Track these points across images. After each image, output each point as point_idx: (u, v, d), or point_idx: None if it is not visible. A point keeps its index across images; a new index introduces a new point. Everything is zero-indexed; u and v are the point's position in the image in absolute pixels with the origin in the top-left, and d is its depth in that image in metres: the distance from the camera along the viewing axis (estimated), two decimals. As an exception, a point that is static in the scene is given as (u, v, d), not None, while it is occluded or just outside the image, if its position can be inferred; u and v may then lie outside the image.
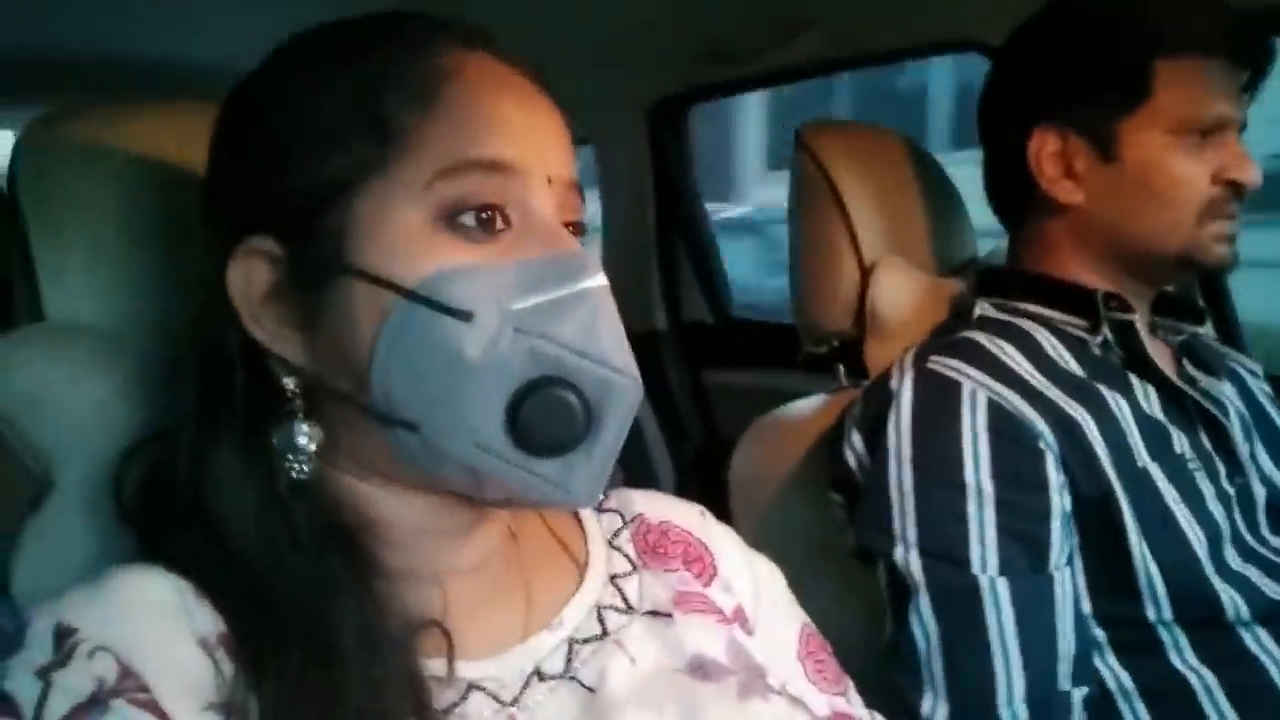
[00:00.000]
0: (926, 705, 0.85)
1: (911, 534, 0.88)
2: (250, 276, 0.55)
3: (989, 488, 0.86)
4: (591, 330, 0.52)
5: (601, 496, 0.69)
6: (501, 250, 0.53)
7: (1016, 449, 0.87)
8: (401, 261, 0.51)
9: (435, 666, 0.53)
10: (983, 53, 1.39)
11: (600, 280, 0.53)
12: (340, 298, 0.53)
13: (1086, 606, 0.88)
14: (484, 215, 0.53)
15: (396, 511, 0.57)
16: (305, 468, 0.54)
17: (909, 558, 0.88)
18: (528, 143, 0.54)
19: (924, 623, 0.86)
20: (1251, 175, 0.92)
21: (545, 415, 0.51)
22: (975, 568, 0.85)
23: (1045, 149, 0.97)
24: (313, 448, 0.55)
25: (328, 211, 0.53)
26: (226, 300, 0.55)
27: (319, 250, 0.53)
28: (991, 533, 0.85)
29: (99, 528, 0.61)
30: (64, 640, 0.48)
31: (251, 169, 0.55)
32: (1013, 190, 1.02)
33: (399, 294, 0.51)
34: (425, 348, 0.51)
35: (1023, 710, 0.82)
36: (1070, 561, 0.87)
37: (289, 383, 0.55)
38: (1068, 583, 0.85)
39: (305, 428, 0.54)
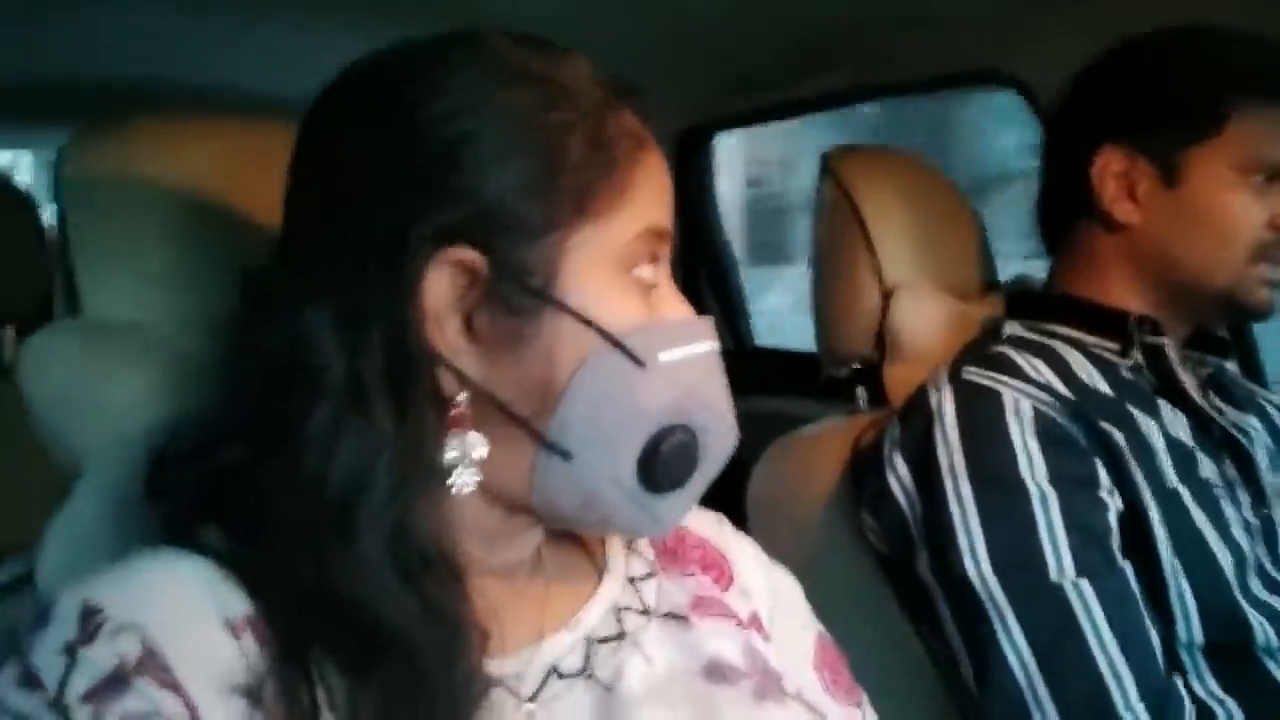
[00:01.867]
0: None
1: (981, 548, 0.87)
2: (444, 284, 0.54)
3: (1049, 490, 0.86)
4: (713, 385, 0.59)
5: None
6: (653, 305, 0.58)
7: (1066, 450, 0.87)
8: (603, 304, 0.55)
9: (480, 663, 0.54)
10: (1008, 85, 1.40)
11: (715, 343, 0.60)
12: (544, 329, 0.54)
13: None
14: (649, 274, 0.58)
15: (473, 515, 0.57)
16: (475, 480, 0.55)
17: (984, 573, 0.86)
18: (671, 213, 0.60)
19: (1015, 645, 0.85)
20: None
21: (672, 458, 0.56)
22: (1054, 573, 0.84)
23: (1110, 168, 0.98)
24: (479, 458, 0.55)
25: (544, 242, 0.54)
26: (419, 304, 0.53)
27: (530, 279, 0.54)
28: (1061, 534, 0.85)
29: (126, 523, 0.61)
30: (89, 619, 0.48)
31: (472, 180, 0.53)
32: (1069, 206, 1.02)
33: (604, 338, 0.55)
34: (610, 389, 0.55)
35: (1141, 709, 0.81)
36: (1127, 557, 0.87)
37: (461, 396, 0.55)
38: (1132, 577, 0.85)
39: (475, 438, 0.55)
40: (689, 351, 0.58)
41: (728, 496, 1.21)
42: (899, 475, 0.95)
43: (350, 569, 0.51)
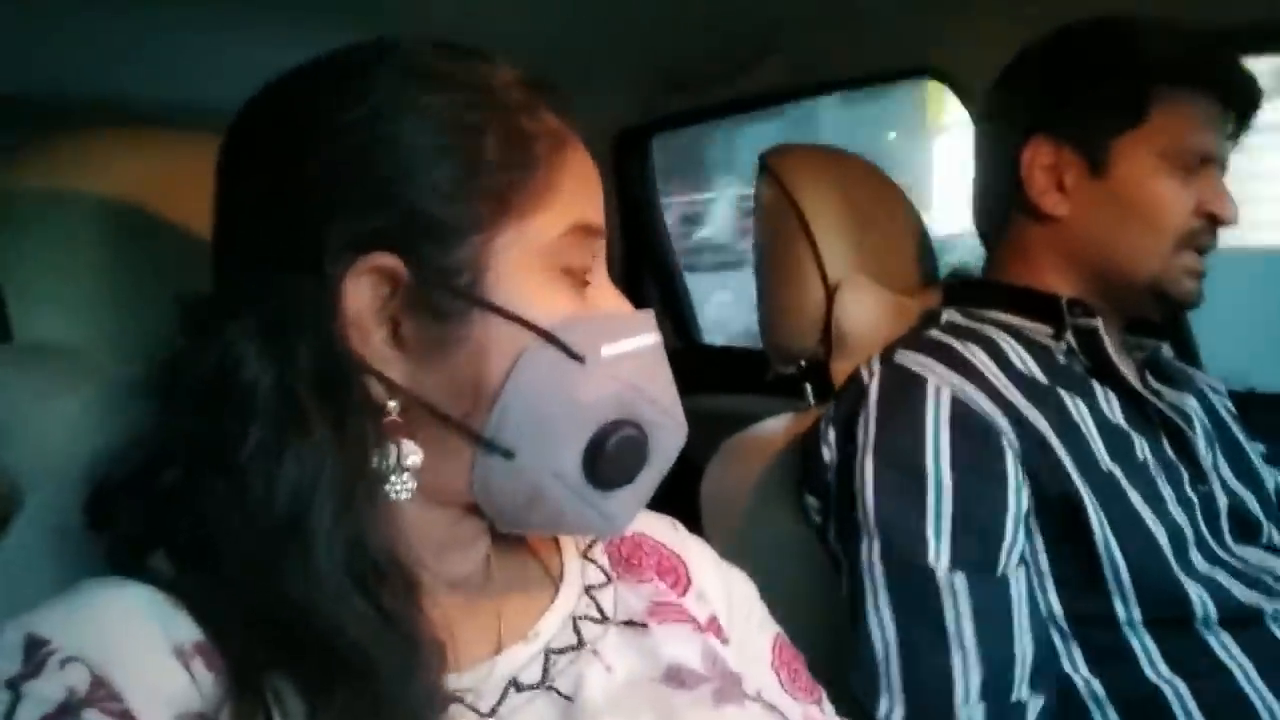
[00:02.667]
0: (883, 708, 0.85)
1: (877, 524, 0.89)
2: (366, 291, 0.54)
3: (948, 477, 0.88)
4: (658, 379, 0.59)
5: None
6: (589, 302, 0.58)
7: (977, 442, 0.89)
8: (534, 302, 0.55)
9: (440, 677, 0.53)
10: (940, 79, 1.42)
11: (658, 337, 0.60)
12: (474, 330, 0.54)
13: (1058, 607, 0.89)
14: (583, 270, 0.58)
15: (417, 523, 0.57)
16: (410, 487, 0.55)
17: (871, 550, 0.89)
18: (602, 210, 0.60)
19: (882, 622, 0.87)
20: (1230, 212, 0.96)
21: (618, 453, 0.56)
22: (930, 558, 0.86)
23: (1038, 159, 1.00)
24: (414, 465, 0.55)
25: (466, 244, 0.54)
26: (342, 312, 0.53)
27: (454, 281, 0.54)
28: (947, 523, 0.87)
29: (68, 553, 0.60)
30: (35, 651, 0.47)
31: (389, 184, 0.53)
32: (1000, 198, 1.04)
33: (536, 334, 0.54)
34: (547, 385, 0.55)
35: (979, 711, 0.83)
36: (1025, 566, 0.88)
37: (392, 403, 0.54)
38: (1023, 587, 0.87)
39: (409, 445, 0.55)
40: (631, 345, 0.58)
41: (681, 497, 1.22)
42: (830, 449, 0.98)
43: (305, 585, 0.50)
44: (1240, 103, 0.98)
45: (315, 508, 0.51)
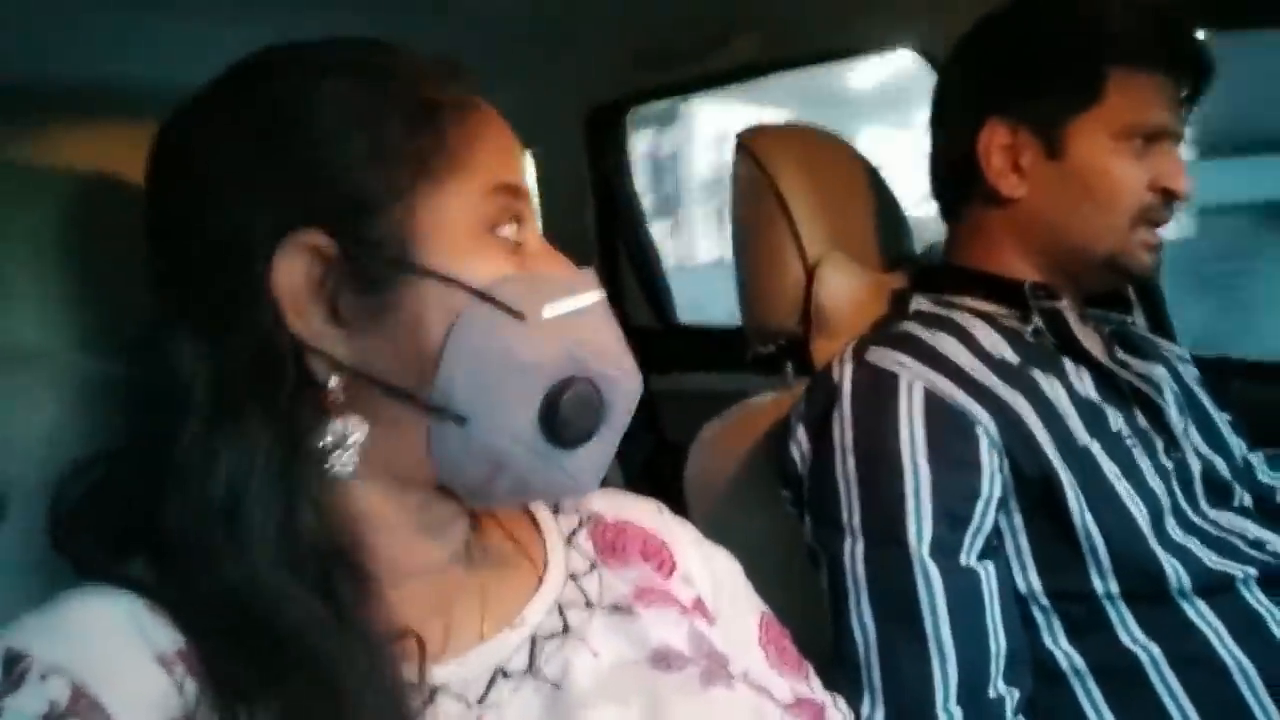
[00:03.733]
0: (865, 709, 0.86)
1: (857, 521, 0.90)
2: (295, 271, 0.54)
3: (924, 466, 0.89)
4: (604, 335, 0.60)
5: None
6: (525, 263, 0.59)
7: (949, 430, 0.90)
8: (465, 265, 0.56)
9: (406, 671, 0.53)
10: (912, 50, 1.42)
11: (601, 294, 0.61)
12: (407, 297, 0.55)
13: (1037, 584, 0.90)
14: (513, 231, 0.59)
15: (384, 508, 0.58)
16: (348, 462, 0.55)
17: (855, 549, 0.90)
18: (522, 174, 0.61)
19: (862, 620, 0.88)
20: (1184, 185, 0.96)
21: (573, 409, 0.57)
22: (912, 546, 0.87)
23: (995, 141, 1.00)
24: (357, 442, 0.55)
25: (386, 214, 0.55)
26: (269, 294, 0.54)
27: (382, 250, 0.55)
28: (927, 509, 0.88)
29: (50, 563, 0.58)
30: (14, 665, 0.47)
31: (302, 165, 0.55)
32: (958, 181, 1.05)
33: (471, 294, 0.55)
34: (488, 345, 0.55)
35: (958, 712, 0.84)
36: (996, 557, 0.89)
37: (334, 381, 0.55)
38: (994, 582, 0.88)
39: (351, 422, 0.55)
40: (574, 303, 0.58)
41: (665, 478, 1.23)
42: (800, 446, 0.99)
43: (247, 579, 0.51)
44: (1194, 76, 0.98)
45: (249, 496, 0.52)
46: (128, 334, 0.57)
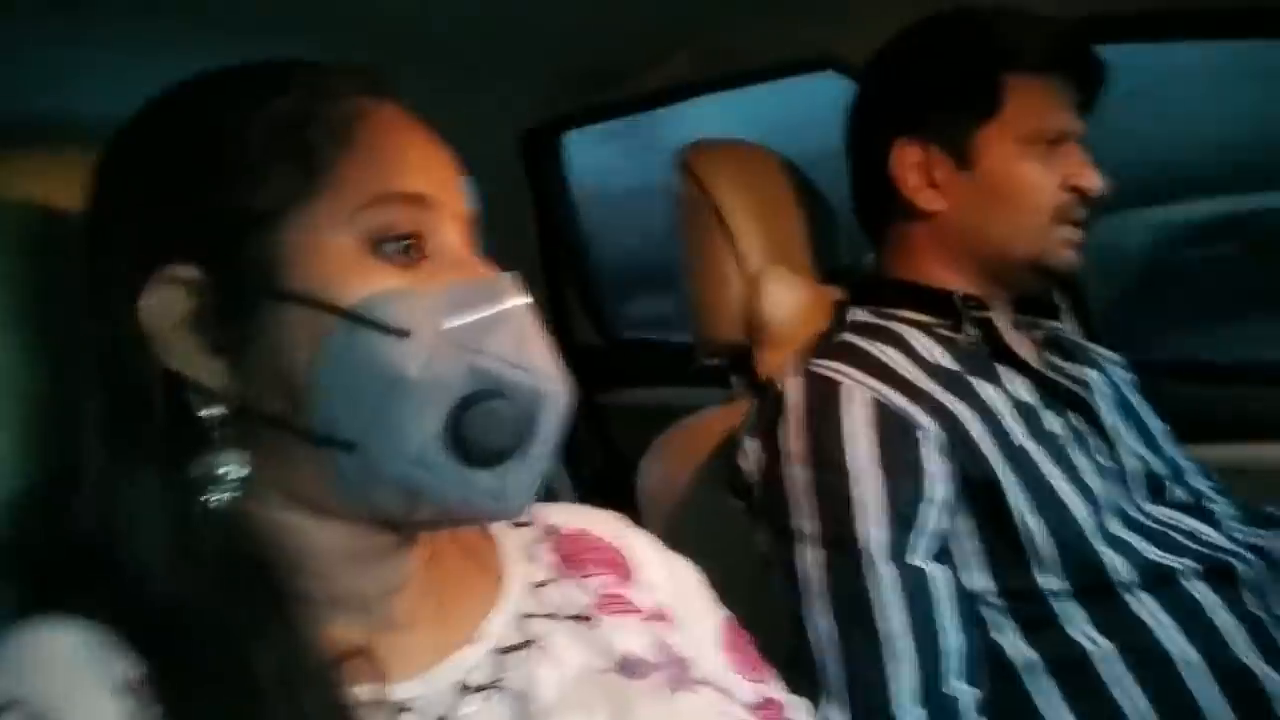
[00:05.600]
0: (825, 711, 0.87)
1: (810, 528, 0.92)
2: (166, 305, 0.54)
3: (871, 471, 0.91)
4: (522, 344, 0.55)
5: None
6: (426, 276, 0.55)
7: (894, 436, 0.92)
8: (336, 285, 0.53)
9: (366, 693, 0.53)
10: (843, 71, 1.45)
11: (523, 299, 0.57)
12: (273, 323, 0.53)
13: (988, 584, 0.93)
14: (407, 243, 0.55)
15: (318, 539, 0.56)
16: (223, 496, 0.54)
17: (810, 556, 0.91)
18: (436, 180, 0.57)
19: (819, 625, 0.90)
20: (1095, 183, 1.00)
21: (484, 426, 0.53)
22: (862, 544, 0.89)
23: (907, 159, 1.03)
24: (234, 476, 0.54)
25: (254, 239, 0.53)
26: (137, 330, 0.54)
27: (247, 277, 0.53)
28: (876, 514, 0.90)
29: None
30: None
31: (166, 197, 0.55)
32: (878, 200, 1.08)
33: (338, 315, 0.52)
34: (365, 367, 0.52)
35: (915, 710, 0.86)
36: (948, 559, 0.92)
37: (210, 412, 0.54)
38: (946, 584, 0.90)
39: (227, 456, 0.54)
40: (483, 313, 0.55)
41: (618, 493, 1.23)
42: (751, 456, 1.00)
43: (168, 610, 0.51)
44: (1087, 78, 1.02)
45: (145, 530, 0.52)
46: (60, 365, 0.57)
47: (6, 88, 1.40)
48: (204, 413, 0.54)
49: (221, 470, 0.54)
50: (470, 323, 0.54)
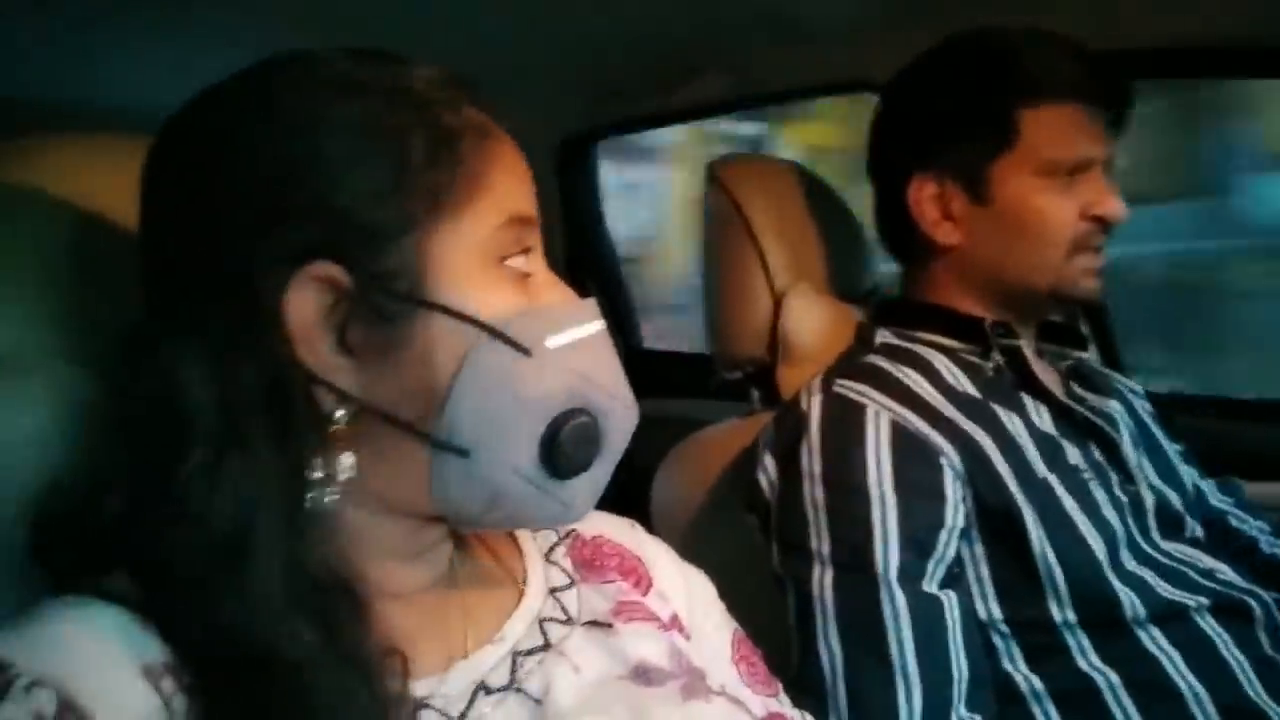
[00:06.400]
0: None
1: (826, 549, 0.92)
2: (308, 303, 0.54)
3: (890, 495, 0.90)
4: (606, 366, 0.60)
5: None
6: (531, 294, 0.58)
7: (915, 461, 0.92)
8: (477, 298, 0.55)
9: (390, 689, 0.53)
10: (873, 92, 1.46)
11: (602, 324, 0.60)
12: (419, 331, 0.54)
13: (998, 612, 0.92)
14: (522, 263, 0.58)
15: (378, 535, 0.58)
16: (330, 496, 0.55)
17: (823, 577, 0.91)
18: (531, 200, 0.60)
19: (829, 646, 0.89)
20: (1115, 210, 0.98)
21: (574, 443, 0.57)
22: (878, 569, 0.88)
23: (924, 193, 1.03)
24: (345, 477, 0.55)
25: (400, 245, 0.54)
26: (281, 325, 0.53)
27: (396, 284, 0.54)
28: (894, 537, 0.89)
29: (35, 572, 0.58)
30: None
31: (318, 193, 0.53)
32: (899, 231, 1.07)
33: (482, 330, 0.55)
34: (497, 380, 0.55)
35: None
36: (960, 584, 0.91)
37: (340, 412, 0.55)
38: (957, 610, 0.89)
39: (345, 457, 0.55)
40: (576, 334, 0.58)
41: (632, 503, 1.24)
42: (768, 474, 1.00)
43: (244, 605, 0.50)
44: (1108, 100, 0.99)
45: (255, 527, 0.51)
46: (118, 349, 0.56)
47: (36, 74, 1.42)
48: (337, 412, 0.55)
49: (339, 470, 0.55)
50: (567, 343, 0.57)
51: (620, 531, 0.74)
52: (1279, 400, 1.45)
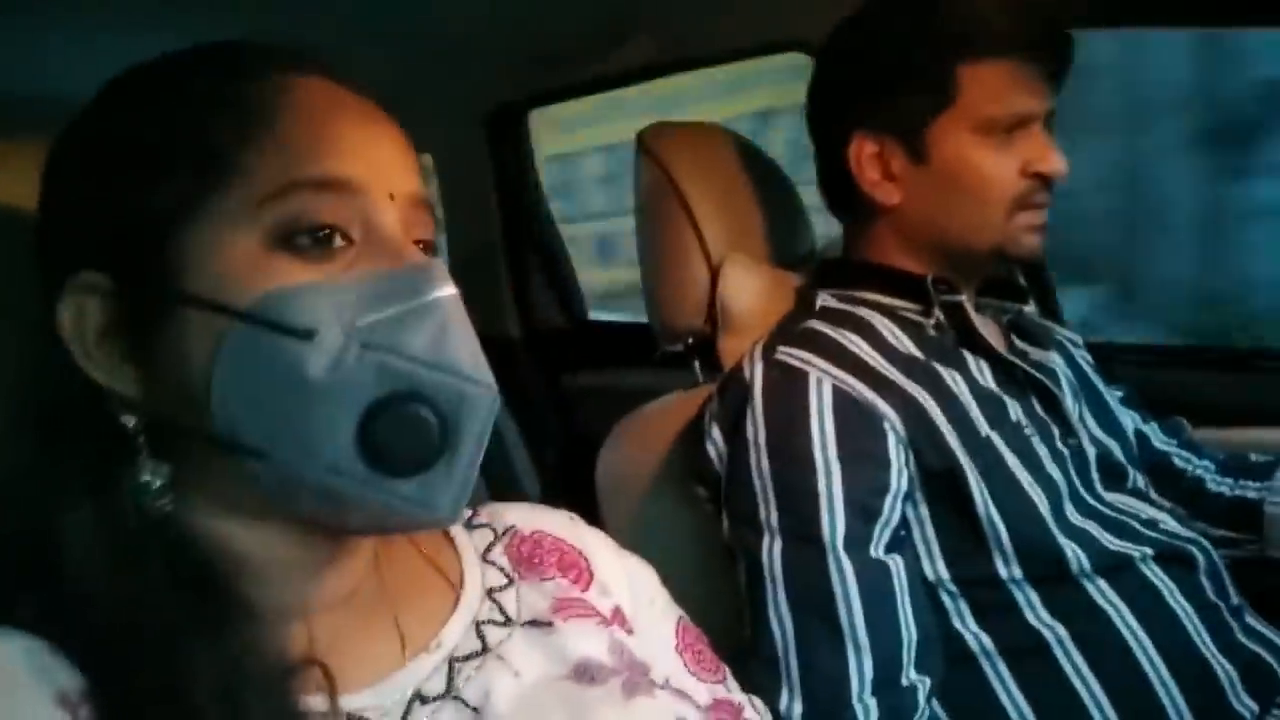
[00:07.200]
0: (783, 703, 0.87)
1: (774, 519, 0.91)
2: (83, 314, 0.53)
3: (835, 463, 0.90)
4: (442, 341, 0.51)
5: (470, 512, 0.70)
6: (343, 268, 0.52)
7: (858, 427, 0.92)
8: (235, 287, 0.50)
9: (316, 703, 0.52)
10: (806, 53, 1.44)
11: (449, 290, 0.52)
12: (174, 329, 0.51)
13: (945, 572, 0.93)
14: (319, 234, 0.52)
15: (256, 547, 0.55)
16: (159, 506, 0.52)
17: (772, 547, 0.91)
18: (365, 160, 0.54)
19: (780, 616, 0.89)
20: (1056, 166, 0.97)
21: (399, 433, 0.50)
22: (825, 537, 0.88)
23: (864, 153, 1.01)
24: (158, 484, 0.53)
25: (158, 244, 0.52)
26: (56, 339, 0.52)
27: (151, 283, 0.52)
28: (839, 504, 0.89)
29: None
30: None
31: (81, 204, 0.54)
32: (839, 191, 1.07)
33: (232, 317, 0.50)
34: (266, 370, 0.50)
35: (873, 702, 0.86)
36: (907, 548, 0.92)
37: (128, 421, 0.53)
38: (904, 573, 0.90)
39: (150, 465, 0.53)
40: (396, 308, 0.51)
41: (577, 476, 1.23)
42: (716, 445, 0.99)
43: (107, 622, 0.49)
44: (1048, 53, 0.98)
45: (77, 542, 0.50)
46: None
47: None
48: (125, 421, 0.53)
49: (145, 479, 0.52)
50: (384, 318, 0.50)
51: (560, 526, 0.72)
52: (1216, 346, 1.48)
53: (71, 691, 0.48)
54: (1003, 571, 0.91)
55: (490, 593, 0.64)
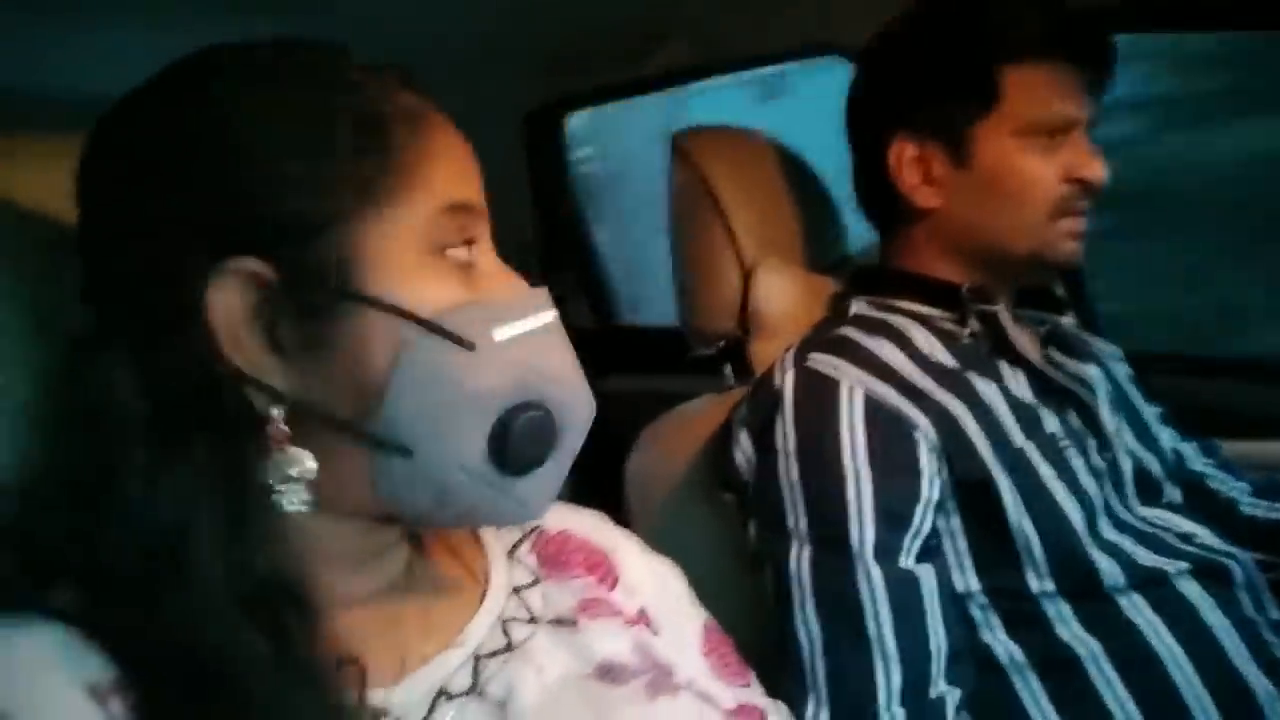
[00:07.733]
0: (810, 711, 0.86)
1: (803, 526, 0.91)
2: (232, 300, 0.52)
3: (865, 471, 0.89)
4: (558, 357, 0.58)
5: None
6: (476, 285, 0.56)
7: (890, 436, 0.91)
8: (412, 291, 0.53)
9: (347, 699, 0.52)
10: (843, 57, 1.44)
11: (555, 314, 0.59)
12: (350, 327, 0.53)
13: (975, 583, 0.92)
14: (465, 253, 0.56)
15: (329, 540, 0.56)
16: (305, 497, 0.53)
17: (800, 554, 0.90)
18: (476, 187, 0.58)
19: (808, 625, 0.89)
20: (1097, 173, 0.97)
21: (525, 439, 0.55)
22: (854, 545, 0.88)
23: (904, 156, 1.01)
24: (304, 478, 0.53)
25: (328, 238, 0.52)
26: (204, 325, 0.51)
27: (322, 277, 0.52)
28: (869, 512, 0.88)
29: None
30: None
31: (241, 186, 0.52)
32: (878, 195, 1.06)
33: (417, 324, 0.53)
34: (436, 376, 0.53)
35: (900, 713, 0.85)
36: (937, 558, 0.91)
37: (276, 412, 0.53)
38: (934, 583, 0.89)
39: (296, 455, 0.53)
40: (525, 326, 0.56)
41: (606, 479, 1.23)
42: (744, 451, 0.99)
43: (187, 612, 0.49)
44: (1093, 58, 0.98)
45: (195, 533, 0.50)
46: (57, 352, 0.54)
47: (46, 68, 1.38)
48: (272, 411, 0.53)
49: (296, 470, 0.53)
50: (515, 335, 0.56)
51: (586, 525, 0.73)
52: (1255, 356, 1.45)
53: (101, 682, 0.48)
54: (1034, 585, 0.90)
55: (516, 590, 0.65)
